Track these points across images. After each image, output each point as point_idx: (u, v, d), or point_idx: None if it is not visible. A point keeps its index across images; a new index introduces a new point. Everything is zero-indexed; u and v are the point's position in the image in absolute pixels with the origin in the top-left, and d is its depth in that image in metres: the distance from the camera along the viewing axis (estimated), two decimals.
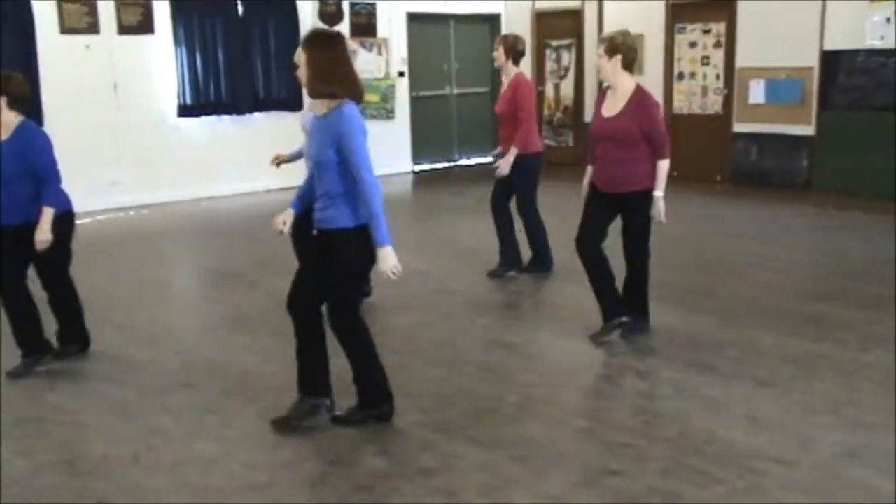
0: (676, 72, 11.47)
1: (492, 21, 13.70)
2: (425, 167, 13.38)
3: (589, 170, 5.45)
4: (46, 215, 4.87)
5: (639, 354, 5.13)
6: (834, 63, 9.95)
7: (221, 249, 8.30)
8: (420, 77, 13.19)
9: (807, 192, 10.22)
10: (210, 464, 3.87)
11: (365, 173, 3.98)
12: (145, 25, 10.40)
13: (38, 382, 4.84)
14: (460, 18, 13.50)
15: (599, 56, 5.24)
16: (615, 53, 5.17)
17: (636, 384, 4.71)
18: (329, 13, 11.84)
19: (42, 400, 4.61)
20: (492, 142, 8.19)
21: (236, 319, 5.99)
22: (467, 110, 13.77)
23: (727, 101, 10.99)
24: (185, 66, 10.79)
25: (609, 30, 11.72)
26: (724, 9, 10.83)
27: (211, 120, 11.09)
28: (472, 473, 3.73)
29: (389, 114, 12.73)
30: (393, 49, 12.73)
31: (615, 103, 5.24)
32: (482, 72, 13.87)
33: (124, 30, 10.26)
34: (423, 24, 13.10)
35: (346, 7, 12.05)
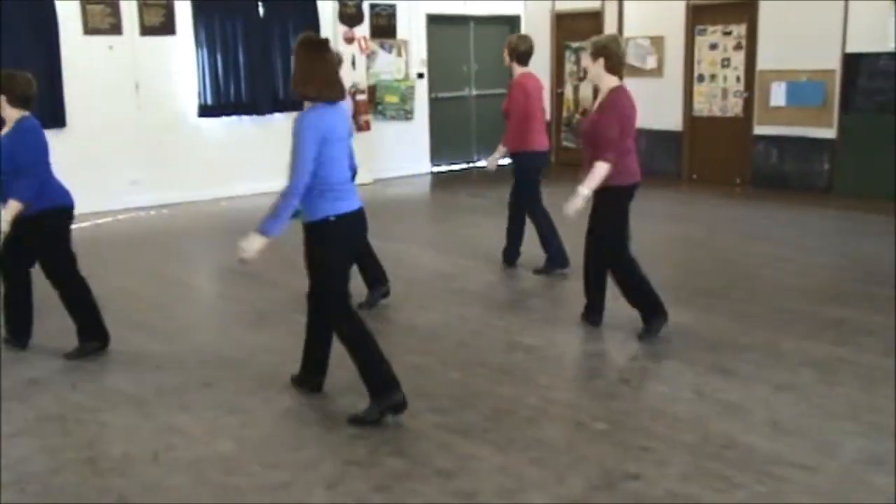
0: (696, 74, 11.41)
1: (511, 22, 13.68)
2: (444, 168, 13.39)
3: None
4: (10, 208, 4.95)
5: (658, 357, 5.11)
6: (856, 65, 9.87)
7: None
8: (439, 78, 13.20)
9: (828, 196, 10.15)
10: (229, 463, 3.89)
11: (291, 175, 4.18)
12: (167, 26, 10.47)
13: (61, 381, 4.89)
14: (480, 20, 13.50)
15: (586, 59, 5.44)
16: (599, 56, 5.30)
17: (655, 387, 4.69)
18: (349, 14, 11.87)
19: (64, 398, 4.65)
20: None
21: (255, 319, 6.01)
22: (486, 112, 13.76)
23: (748, 104, 10.93)
24: (206, 67, 10.85)
25: (629, 31, 11.80)
26: (745, 10, 10.78)
27: (231, 120, 11.15)
28: (490, 475, 3.73)
29: (408, 115, 12.74)
30: (412, 50, 12.75)
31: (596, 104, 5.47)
32: (501, 73, 13.79)
33: (146, 31, 10.33)
34: (443, 26, 13.11)
35: (367, 8, 12.07)
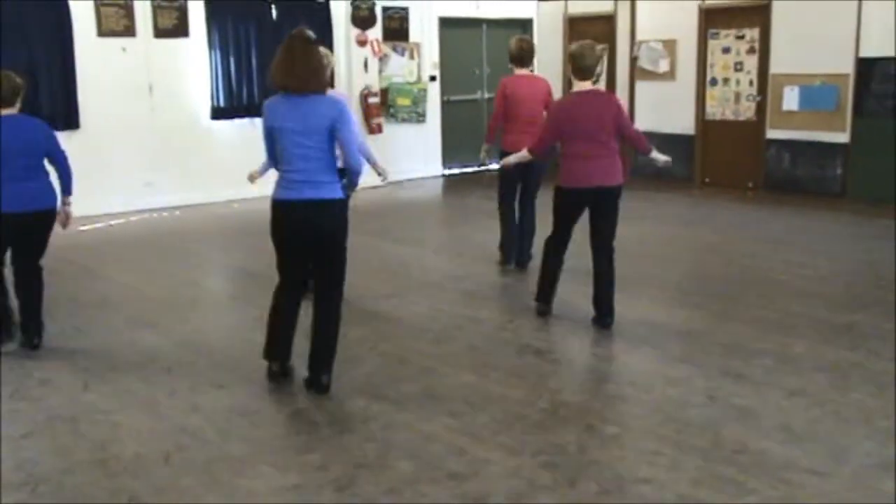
0: (709, 77, 11.38)
1: (524, 25, 13.66)
2: (455, 171, 13.39)
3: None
4: None
5: (670, 362, 5.09)
6: (869, 70, 9.82)
7: (253, 251, 8.32)
8: (451, 81, 13.20)
9: (841, 200, 10.10)
10: (240, 464, 3.90)
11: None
12: (180, 29, 10.51)
13: (72, 382, 4.90)
14: (492, 23, 13.50)
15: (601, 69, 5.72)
16: (569, 62, 5.62)
17: (667, 391, 4.67)
18: (362, 17, 11.89)
19: (76, 399, 4.66)
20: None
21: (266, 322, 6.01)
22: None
23: (760, 108, 10.89)
24: (219, 70, 10.89)
25: (642, 34, 11.78)
26: (759, 14, 10.74)
27: (243, 122, 11.16)
28: (502, 479, 3.73)
29: (420, 118, 12.75)
30: (425, 53, 12.76)
31: None
32: None
33: (160, 33, 10.37)
34: (456, 29, 13.12)
35: (379, 11, 12.09)
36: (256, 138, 11.97)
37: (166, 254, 8.30)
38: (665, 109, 11.78)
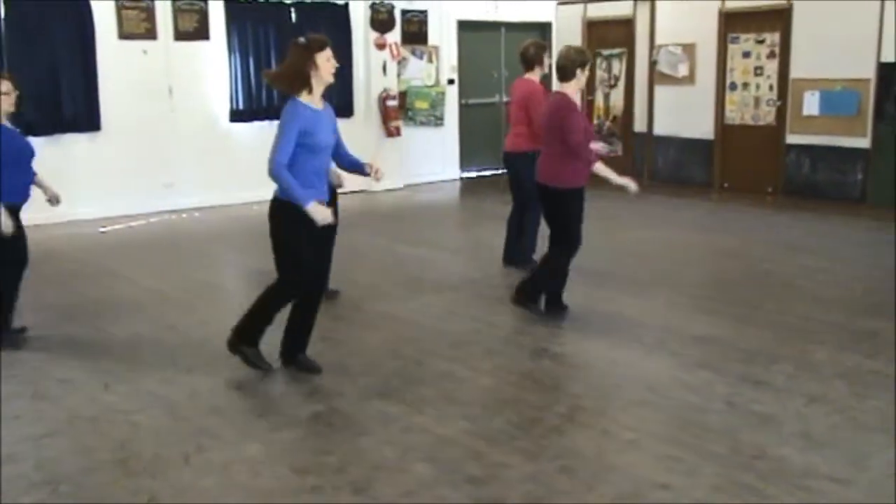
0: (729, 82, 11.34)
1: (543, 29, 13.66)
2: (473, 174, 13.39)
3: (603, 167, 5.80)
4: None
5: (689, 367, 5.08)
6: (890, 75, 9.76)
7: (271, 253, 8.36)
8: (470, 85, 13.22)
9: (861, 206, 10.03)
10: (258, 466, 3.91)
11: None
12: (201, 32, 10.58)
13: (93, 382, 4.93)
14: (511, 26, 13.49)
15: (582, 72, 5.79)
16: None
17: (686, 397, 4.65)
18: (380, 20, 11.92)
19: (96, 399, 4.69)
20: None
21: (285, 323, 6.02)
22: None
23: (780, 112, 10.84)
24: (238, 72, 10.94)
25: (661, 39, 11.75)
26: (779, 18, 10.69)
27: (262, 125, 11.19)
28: (519, 483, 3.72)
29: (438, 121, 12.77)
30: (443, 57, 12.78)
31: None
32: None
33: (180, 36, 10.44)
34: (474, 32, 13.13)
35: (398, 14, 12.12)
36: None
37: (186, 255, 8.34)
38: (684, 114, 11.75)
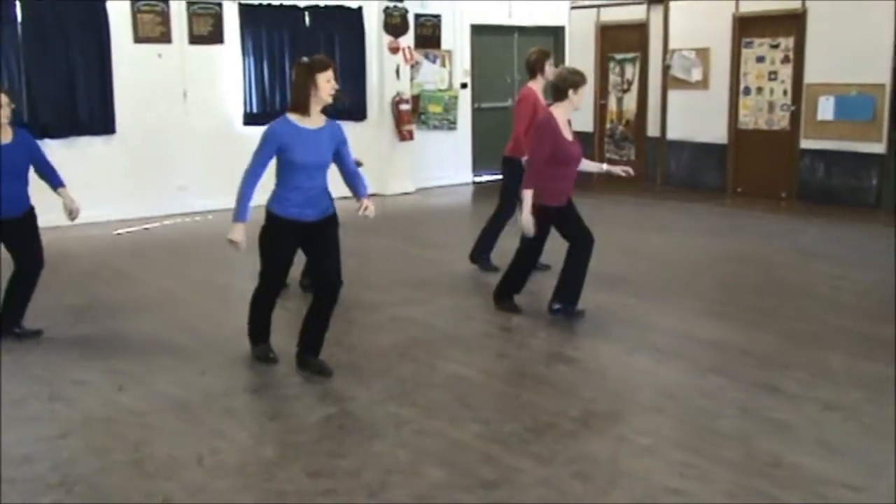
0: (743, 86, 11.30)
1: (556, 33, 13.67)
2: (485, 178, 13.39)
3: (530, 194, 5.78)
4: None
5: (703, 373, 5.06)
6: None
7: None
8: (483, 89, 13.22)
9: (876, 211, 9.98)
10: (272, 469, 3.92)
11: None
12: (215, 35, 10.61)
13: (107, 384, 4.95)
14: (524, 30, 13.49)
15: (575, 93, 5.86)
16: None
17: (700, 402, 4.63)
18: (394, 24, 11.93)
19: (110, 401, 4.71)
20: None
21: (299, 326, 6.02)
22: None
23: (794, 117, 10.80)
24: (252, 76, 10.97)
25: (675, 43, 11.73)
26: (794, 23, 10.66)
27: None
28: (533, 488, 3.72)
29: (451, 125, 12.78)
30: (456, 60, 12.79)
31: (566, 129, 5.90)
32: None
33: (195, 39, 10.48)
34: (487, 36, 13.14)
35: (411, 19, 12.14)
36: None
37: (200, 258, 8.37)
38: (697, 118, 11.73)
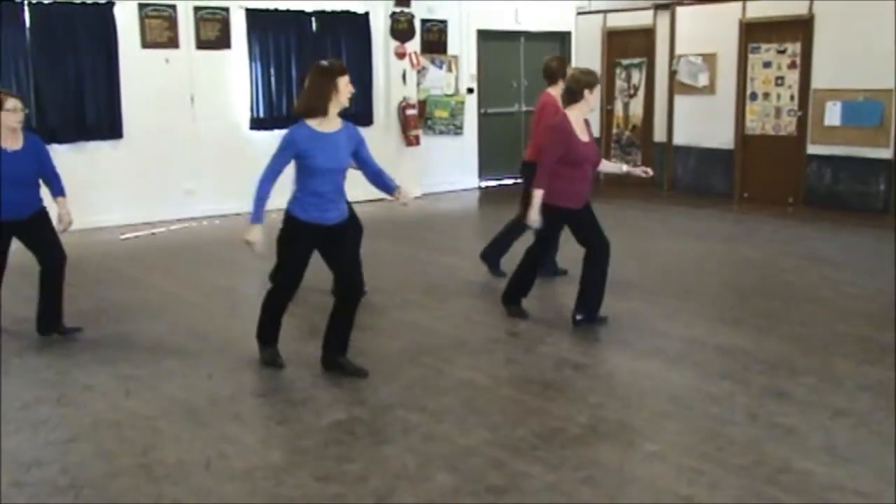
0: (749, 92, 11.29)
1: (562, 39, 13.69)
2: (492, 183, 13.40)
3: (540, 193, 5.79)
4: None
5: (711, 378, 5.05)
6: None
7: None
8: (489, 94, 13.23)
9: (884, 217, 9.95)
10: (280, 474, 3.92)
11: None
12: (223, 40, 10.65)
13: (115, 388, 4.96)
14: (530, 36, 13.51)
15: (590, 93, 5.85)
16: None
17: (708, 408, 4.62)
18: (400, 29, 11.96)
19: (119, 405, 4.72)
20: None
21: (308, 331, 6.05)
22: None
23: (801, 123, 10.78)
24: (259, 81, 11.00)
25: (681, 48, 11.72)
26: (801, 28, 10.64)
27: (282, 133, 11.19)
28: (541, 493, 3.71)
29: (458, 130, 12.79)
30: (463, 66, 12.80)
31: (582, 131, 5.87)
32: None
33: (202, 44, 10.52)
34: (494, 42, 13.15)
35: (418, 24, 12.16)
36: None
37: (207, 262, 8.39)
38: (704, 124, 11.72)
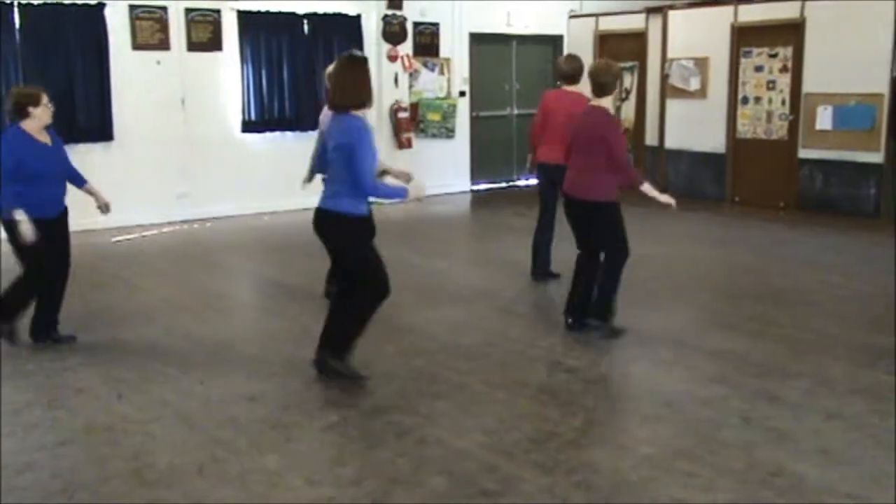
0: (741, 96, 11.32)
1: (555, 42, 13.70)
2: (484, 187, 13.40)
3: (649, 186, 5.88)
4: None
5: (704, 382, 5.05)
6: None
7: (284, 263, 8.40)
8: (481, 97, 13.23)
9: (875, 221, 9.99)
10: (273, 477, 3.91)
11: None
12: (214, 42, 10.61)
13: (107, 392, 4.94)
14: (522, 39, 13.52)
15: (621, 82, 5.76)
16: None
17: (701, 412, 4.63)
18: (393, 32, 11.96)
19: (111, 409, 4.69)
20: None
21: (300, 333, 6.03)
22: (528, 131, 13.75)
23: (793, 127, 10.82)
24: (251, 83, 10.97)
25: (673, 52, 11.75)
26: (792, 33, 10.68)
27: (275, 136, 11.25)
28: (535, 496, 3.71)
29: (450, 133, 12.79)
30: (455, 69, 12.80)
31: None
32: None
33: (194, 46, 10.48)
34: (486, 45, 13.15)
35: (410, 27, 12.16)
36: (287, 152, 12.11)
37: (199, 265, 8.36)
38: (696, 128, 11.74)
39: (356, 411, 4.64)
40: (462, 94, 12.93)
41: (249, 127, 11.02)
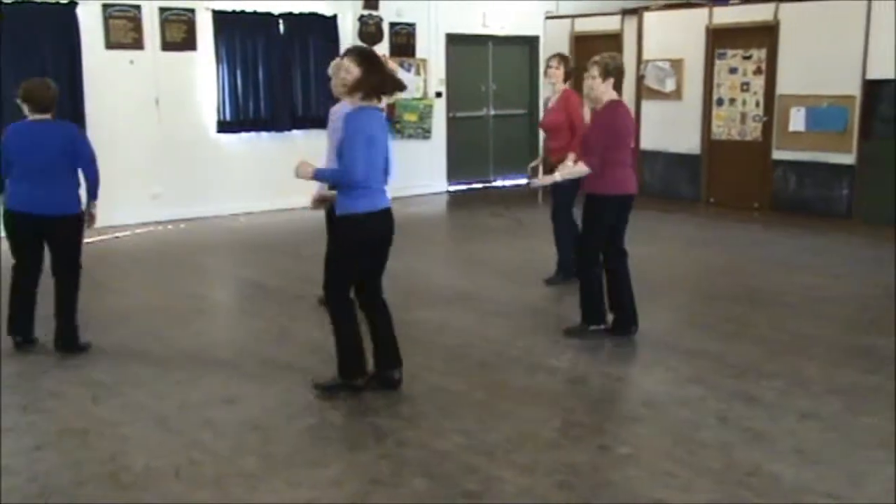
0: (716, 97, 11.40)
1: (531, 43, 13.74)
2: (460, 187, 13.40)
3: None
4: None
5: (682, 383, 5.08)
6: (876, 92, 9.85)
7: (261, 264, 8.34)
8: (457, 98, 13.23)
9: (847, 222, 10.09)
10: (252, 480, 3.88)
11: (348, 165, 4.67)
12: (188, 42, 10.53)
13: (82, 395, 4.88)
14: (499, 40, 13.54)
15: (594, 77, 5.92)
16: (610, 76, 5.99)
17: (679, 412, 4.65)
18: (369, 32, 11.93)
19: (86, 412, 4.64)
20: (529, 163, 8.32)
21: (277, 335, 6.00)
22: (504, 132, 13.81)
23: (767, 128, 10.91)
24: (226, 83, 10.90)
25: (649, 54, 11.81)
26: (766, 35, 10.77)
27: (250, 136, 11.18)
28: (515, 497, 3.71)
29: (426, 134, 12.78)
30: (431, 69, 12.79)
31: None
32: (520, 93, 13.92)
33: (168, 46, 10.38)
34: (462, 45, 13.16)
35: (386, 27, 12.14)
36: (263, 152, 12.03)
37: (173, 266, 8.29)
38: (671, 129, 11.80)
39: (335, 413, 4.62)
40: (438, 95, 12.93)
41: (224, 127, 10.95)
